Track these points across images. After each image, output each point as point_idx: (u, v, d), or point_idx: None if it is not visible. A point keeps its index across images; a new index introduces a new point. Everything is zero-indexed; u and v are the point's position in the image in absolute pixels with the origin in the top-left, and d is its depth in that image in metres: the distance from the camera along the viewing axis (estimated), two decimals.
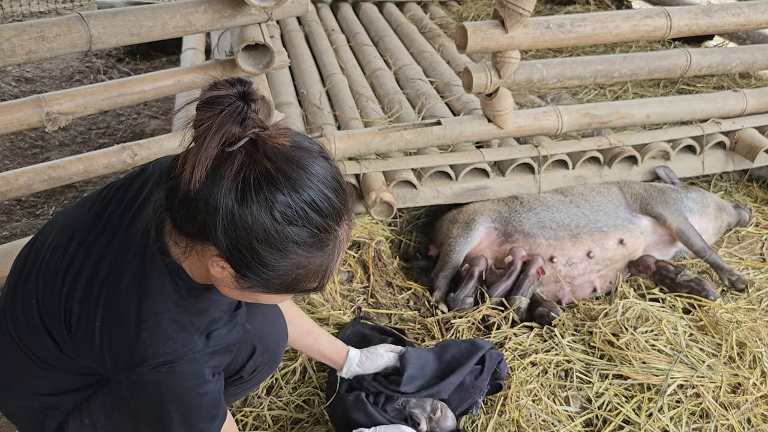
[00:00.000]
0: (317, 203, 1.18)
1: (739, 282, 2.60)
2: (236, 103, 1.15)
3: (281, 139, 1.19)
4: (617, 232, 2.69)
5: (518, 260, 2.57)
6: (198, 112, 1.16)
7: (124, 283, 1.32)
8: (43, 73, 4.85)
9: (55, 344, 1.41)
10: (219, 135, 1.13)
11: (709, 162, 3.17)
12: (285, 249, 1.18)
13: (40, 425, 1.57)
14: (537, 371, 2.17)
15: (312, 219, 1.18)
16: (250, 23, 2.36)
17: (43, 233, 1.49)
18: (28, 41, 2.05)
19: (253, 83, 1.21)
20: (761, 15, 2.79)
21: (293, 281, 1.24)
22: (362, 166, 2.76)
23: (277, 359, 1.80)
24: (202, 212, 1.17)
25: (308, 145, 1.24)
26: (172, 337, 1.30)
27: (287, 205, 1.15)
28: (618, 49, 4.21)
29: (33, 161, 3.69)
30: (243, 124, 1.16)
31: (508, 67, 2.61)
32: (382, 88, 3.48)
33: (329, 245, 1.23)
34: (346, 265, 2.56)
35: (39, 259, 1.44)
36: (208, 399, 1.37)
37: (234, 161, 1.14)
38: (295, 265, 1.21)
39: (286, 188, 1.15)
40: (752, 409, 2.06)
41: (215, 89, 1.17)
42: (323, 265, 1.25)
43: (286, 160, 1.17)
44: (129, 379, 1.33)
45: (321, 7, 4.75)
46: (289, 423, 2.01)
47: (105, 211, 1.41)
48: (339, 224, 1.24)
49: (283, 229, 1.16)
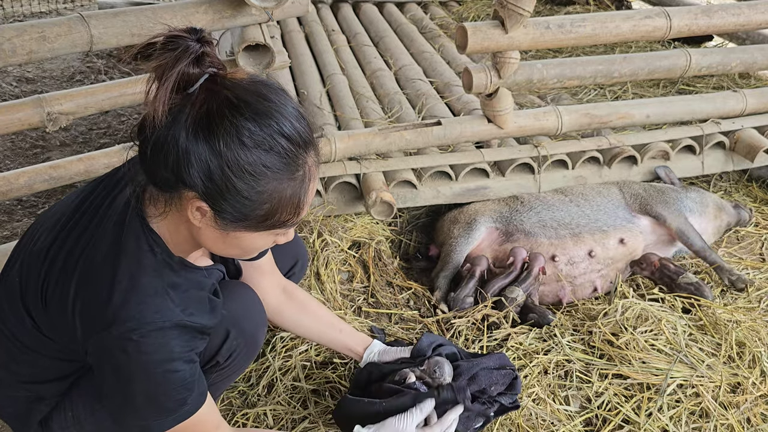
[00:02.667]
0: (282, 128, 1.23)
1: (739, 281, 2.61)
2: (191, 44, 1.21)
3: (239, 74, 1.26)
4: (618, 232, 2.69)
5: (519, 261, 2.58)
6: (157, 57, 1.21)
7: (101, 250, 1.34)
8: (44, 74, 4.85)
9: (34, 324, 1.43)
10: (175, 72, 1.18)
11: (708, 162, 3.17)
12: (257, 173, 1.22)
13: (26, 418, 1.58)
14: (537, 371, 2.17)
15: (279, 143, 1.23)
16: (250, 23, 2.37)
17: (36, 223, 1.53)
18: (29, 41, 2.06)
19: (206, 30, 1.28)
20: (761, 15, 2.80)
21: (269, 212, 1.27)
22: (362, 166, 2.76)
23: (256, 344, 1.78)
24: (173, 153, 1.21)
25: (266, 79, 1.30)
26: (144, 301, 1.30)
27: (252, 129, 1.20)
28: (618, 49, 4.22)
29: (34, 161, 3.70)
30: (200, 63, 1.21)
31: (508, 67, 2.61)
32: (382, 88, 3.49)
33: (299, 171, 1.28)
34: (347, 265, 2.57)
35: (28, 244, 1.47)
36: (176, 377, 1.35)
37: (196, 99, 1.20)
38: (268, 192, 1.25)
39: (248, 113, 1.21)
40: (752, 408, 2.06)
41: (171, 32, 1.22)
42: (296, 193, 1.29)
43: (245, 90, 1.23)
44: (97, 344, 1.32)
45: (321, 7, 4.75)
46: (290, 422, 2.02)
47: (92, 194, 1.45)
48: (306, 152, 1.28)
49: (251, 154, 1.21)
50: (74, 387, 1.56)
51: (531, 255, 2.59)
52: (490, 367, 1.91)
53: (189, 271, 1.41)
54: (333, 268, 2.50)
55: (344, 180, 2.75)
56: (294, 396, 2.09)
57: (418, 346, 1.96)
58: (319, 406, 2.06)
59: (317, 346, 2.22)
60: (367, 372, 1.95)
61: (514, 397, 1.93)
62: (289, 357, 2.20)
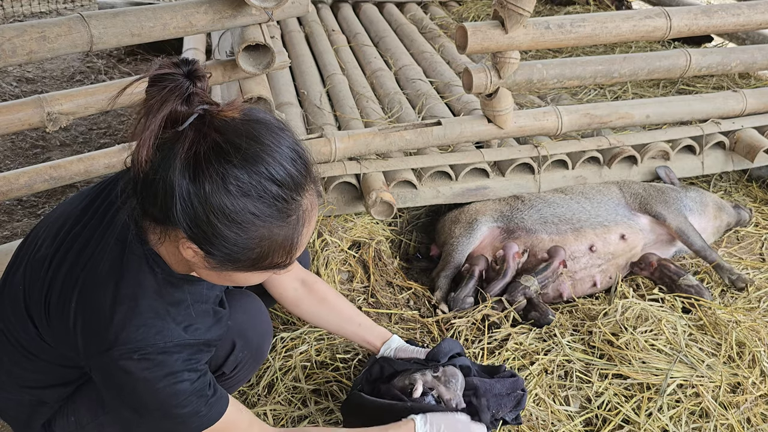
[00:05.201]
0: (272, 174, 1.17)
1: (740, 281, 2.61)
2: (180, 81, 1.16)
3: (230, 112, 1.19)
4: (619, 227, 2.70)
5: (510, 255, 2.57)
6: (146, 93, 1.17)
7: (103, 267, 1.32)
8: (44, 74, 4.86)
9: (37, 331, 1.42)
10: (161, 114, 1.14)
11: (708, 162, 3.17)
12: (243, 222, 1.17)
13: (28, 421, 1.57)
14: (537, 371, 2.17)
15: (269, 190, 1.17)
16: (250, 24, 2.37)
17: (39, 226, 1.52)
18: (29, 41, 2.06)
19: (199, 62, 1.22)
20: (761, 15, 2.80)
21: (260, 256, 1.23)
22: (362, 166, 2.76)
23: (261, 355, 1.79)
24: (161, 194, 1.17)
25: (262, 116, 1.22)
26: (145, 324, 1.29)
27: (239, 177, 1.15)
28: (618, 49, 4.22)
29: (34, 161, 3.70)
30: (188, 102, 1.16)
31: (508, 67, 2.62)
32: (382, 88, 3.49)
33: (292, 216, 1.22)
34: (347, 265, 2.57)
35: (31, 249, 1.46)
36: (183, 388, 1.34)
37: (185, 139, 1.15)
38: (257, 238, 1.20)
39: (236, 159, 1.14)
40: (752, 408, 2.06)
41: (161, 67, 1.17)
42: (288, 237, 1.23)
43: (236, 132, 1.16)
44: (99, 364, 1.32)
45: (321, 7, 4.75)
46: (290, 422, 2.02)
47: (95, 202, 1.42)
48: (300, 194, 1.22)
49: (238, 202, 1.15)
50: (77, 392, 1.56)
51: (552, 248, 2.59)
52: (502, 393, 1.91)
53: (192, 285, 1.40)
54: (333, 268, 2.50)
55: (344, 180, 2.75)
56: (294, 396, 2.09)
57: (436, 349, 1.95)
58: (319, 405, 2.06)
59: (317, 346, 2.22)
60: (380, 366, 1.95)
61: (517, 413, 1.94)
62: (289, 357, 2.20)
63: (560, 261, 2.55)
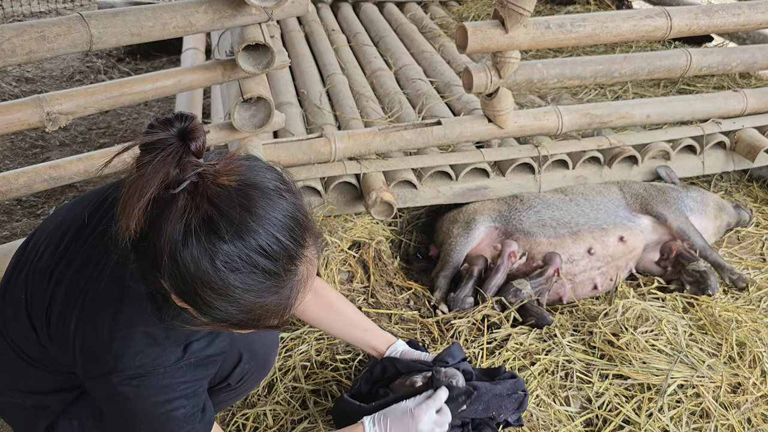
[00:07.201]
0: (265, 249, 1.12)
1: (740, 281, 2.61)
2: (173, 146, 1.10)
3: (225, 179, 1.12)
4: (617, 230, 2.69)
5: (505, 252, 2.57)
6: (136, 162, 1.11)
7: (103, 290, 1.30)
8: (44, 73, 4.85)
9: (38, 339, 1.41)
10: (150, 191, 1.08)
11: (709, 162, 3.17)
12: (231, 295, 1.13)
13: (31, 424, 1.57)
14: (537, 371, 2.17)
15: (260, 265, 1.12)
16: (250, 23, 2.36)
17: (40, 230, 1.50)
18: (28, 41, 2.05)
19: (196, 117, 1.15)
20: (761, 15, 2.80)
21: (250, 321, 1.20)
22: (362, 166, 2.76)
23: (267, 367, 1.79)
24: (150, 254, 1.13)
25: (260, 180, 1.15)
26: (143, 350, 1.28)
27: (229, 253, 1.10)
28: (618, 49, 4.21)
29: (33, 161, 3.70)
30: (181, 167, 1.10)
31: (508, 67, 2.61)
32: (382, 88, 3.48)
33: (285, 287, 1.17)
34: (347, 265, 2.56)
35: (32, 256, 1.44)
36: (178, 415, 1.35)
37: (177, 204, 1.09)
38: (246, 308, 1.16)
39: (228, 235, 1.09)
40: (752, 408, 2.06)
41: (151, 132, 1.11)
42: (281, 304, 1.19)
43: (230, 202, 1.10)
44: (97, 387, 1.32)
45: (321, 7, 4.75)
46: (290, 422, 2.01)
47: (99, 210, 1.39)
48: (295, 263, 1.17)
49: (226, 277, 1.11)
50: (81, 397, 1.55)
51: (548, 255, 2.58)
52: (503, 394, 1.89)
53: None
54: (333, 268, 2.50)
55: (344, 180, 2.75)
56: (294, 396, 2.09)
57: (444, 353, 1.94)
58: (319, 406, 2.06)
59: (317, 346, 2.22)
60: (382, 366, 1.94)
61: (519, 415, 1.93)
62: (289, 357, 2.19)
63: (555, 269, 2.55)
